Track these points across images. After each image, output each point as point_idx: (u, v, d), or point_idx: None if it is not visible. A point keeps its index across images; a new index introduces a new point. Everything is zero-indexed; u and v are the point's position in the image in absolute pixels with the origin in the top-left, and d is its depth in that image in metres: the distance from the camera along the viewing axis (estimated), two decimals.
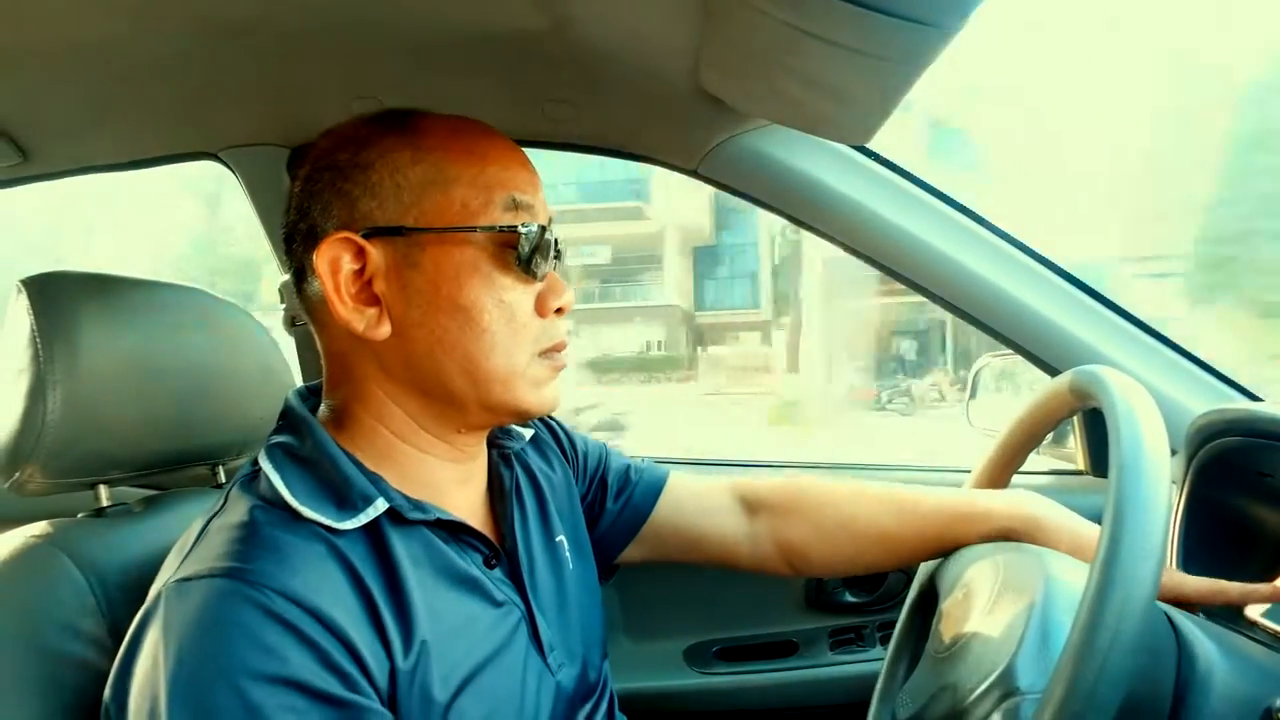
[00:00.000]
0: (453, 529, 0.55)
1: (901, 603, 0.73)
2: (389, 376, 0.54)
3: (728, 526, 0.75)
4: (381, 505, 0.51)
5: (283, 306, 1.10)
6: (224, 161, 1.01)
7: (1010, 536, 0.63)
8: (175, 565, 0.48)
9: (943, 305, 0.96)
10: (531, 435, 0.70)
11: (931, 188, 0.94)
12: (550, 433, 0.74)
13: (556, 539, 0.66)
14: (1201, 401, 0.88)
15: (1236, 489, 0.66)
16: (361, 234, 0.52)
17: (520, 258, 0.53)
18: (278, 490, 0.50)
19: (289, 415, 0.57)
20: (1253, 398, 0.92)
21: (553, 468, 0.71)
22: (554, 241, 0.56)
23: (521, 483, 0.65)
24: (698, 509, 0.75)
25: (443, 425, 0.56)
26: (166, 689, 0.42)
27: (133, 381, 0.65)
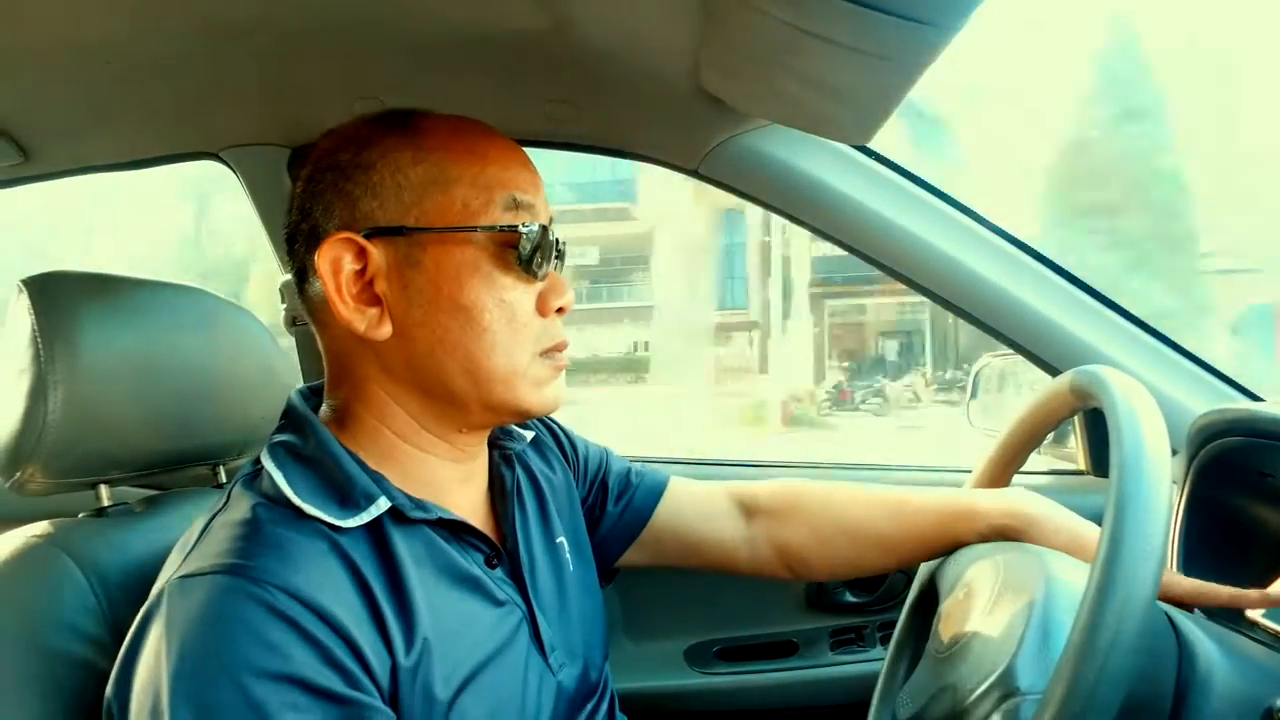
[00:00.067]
0: (454, 528, 0.55)
1: (902, 603, 0.73)
2: (390, 376, 0.55)
3: (726, 530, 0.75)
4: (384, 504, 0.51)
5: (283, 307, 1.10)
6: (225, 161, 1.01)
7: (1007, 535, 0.63)
8: (178, 562, 0.48)
9: (943, 305, 0.96)
10: (532, 437, 0.70)
11: (932, 187, 0.94)
12: (551, 435, 0.74)
13: (557, 540, 0.66)
14: (1202, 401, 0.88)
15: (1237, 489, 0.66)
16: (363, 234, 0.52)
17: (521, 257, 0.53)
18: (280, 488, 0.50)
19: (291, 414, 0.57)
20: (1254, 398, 0.92)
21: (553, 469, 0.71)
22: (555, 241, 0.56)
23: (522, 483, 0.65)
24: (697, 513, 0.75)
25: (444, 425, 0.56)
26: (169, 685, 0.42)
27: (134, 381, 0.65)
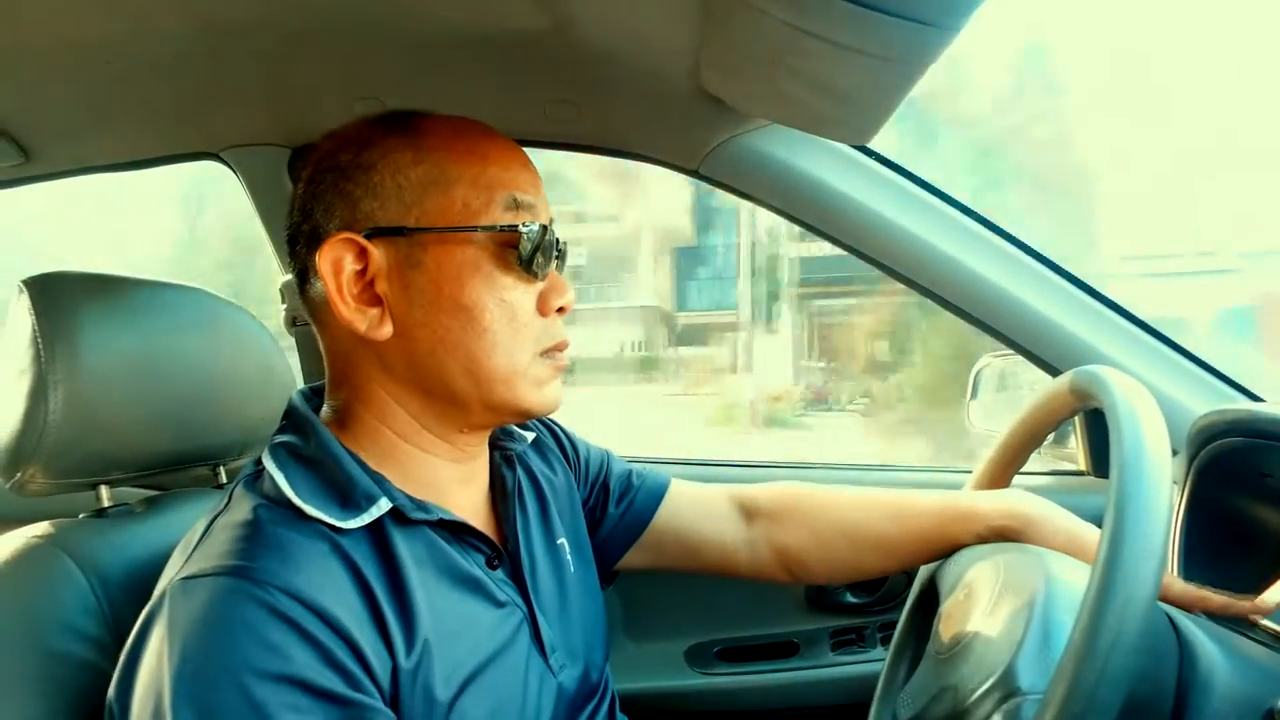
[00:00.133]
0: (455, 529, 0.55)
1: (902, 603, 0.72)
2: (391, 376, 0.55)
3: (726, 533, 0.75)
4: (385, 505, 0.51)
5: (283, 307, 1.11)
6: (225, 162, 1.01)
7: (1006, 536, 0.63)
8: (180, 563, 0.48)
9: (943, 305, 0.96)
10: (533, 438, 0.70)
11: (933, 188, 0.94)
12: (552, 436, 0.74)
13: (558, 541, 0.66)
14: (1203, 402, 0.88)
15: (1238, 490, 0.66)
16: (364, 234, 0.52)
17: (521, 257, 0.53)
18: (281, 489, 0.50)
19: (292, 415, 0.57)
20: (1254, 398, 0.92)
21: (554, 471, 0.71)
22: (556, 241, 0.56)
23: (523, 484, 0.65)
24: (697, 515, 0.75)
25: (445, 425, 0.56)
26: (171, 687, 0.42)
27: (134, 382, 0.65)
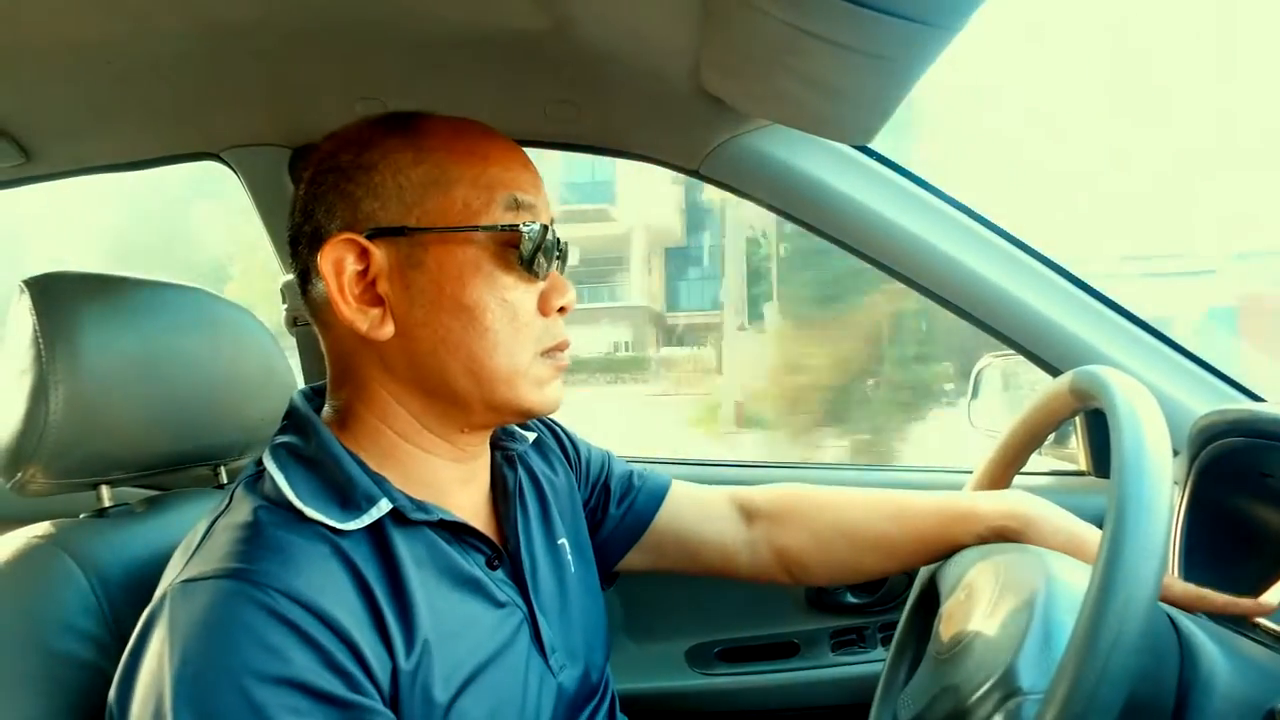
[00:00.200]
0: (455, 530, 0.55)
1: (903, 604, 0.72)
2: (393, 376, 0.55)
3: (727, 534, 0.75)
4: (385, 506, 0.51)
5: (284, 307, 1.11)
6: (226, 162, 1.01)
7: (1006, 537, 0.63)
8: (180, 565, 0.48)
9: (943, 305, 0.96)
10: (534, 438, 0.70)
11: (933, 188, 0.94)
12: (553, 436, 0.74)
13: (558, 541, 0.66)
14: (1203, 402, 0.88)
15: (1239, 490, 0.66)
16: (365, 235, 0.52)
17: (522, 257, 0.53)
18: (282, 491, 0.50)
19: (293, 415, 0.57)
20: (1255, 398, 0.92)
21: (555, 471, 0.71)
22: (556, 241, 0.56)
23: (524, 485, 0.65)
24: (698, 516, 0.75)
25: (446, 425, 0.56)
26: (171, 689, 0.42)
27: (135, 382, 0.65)
